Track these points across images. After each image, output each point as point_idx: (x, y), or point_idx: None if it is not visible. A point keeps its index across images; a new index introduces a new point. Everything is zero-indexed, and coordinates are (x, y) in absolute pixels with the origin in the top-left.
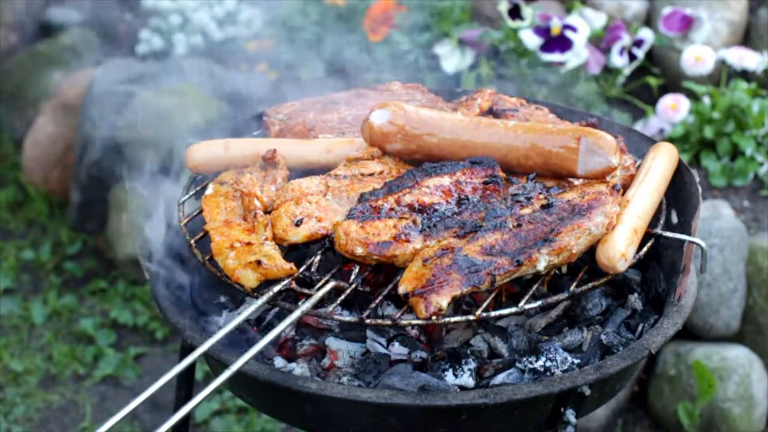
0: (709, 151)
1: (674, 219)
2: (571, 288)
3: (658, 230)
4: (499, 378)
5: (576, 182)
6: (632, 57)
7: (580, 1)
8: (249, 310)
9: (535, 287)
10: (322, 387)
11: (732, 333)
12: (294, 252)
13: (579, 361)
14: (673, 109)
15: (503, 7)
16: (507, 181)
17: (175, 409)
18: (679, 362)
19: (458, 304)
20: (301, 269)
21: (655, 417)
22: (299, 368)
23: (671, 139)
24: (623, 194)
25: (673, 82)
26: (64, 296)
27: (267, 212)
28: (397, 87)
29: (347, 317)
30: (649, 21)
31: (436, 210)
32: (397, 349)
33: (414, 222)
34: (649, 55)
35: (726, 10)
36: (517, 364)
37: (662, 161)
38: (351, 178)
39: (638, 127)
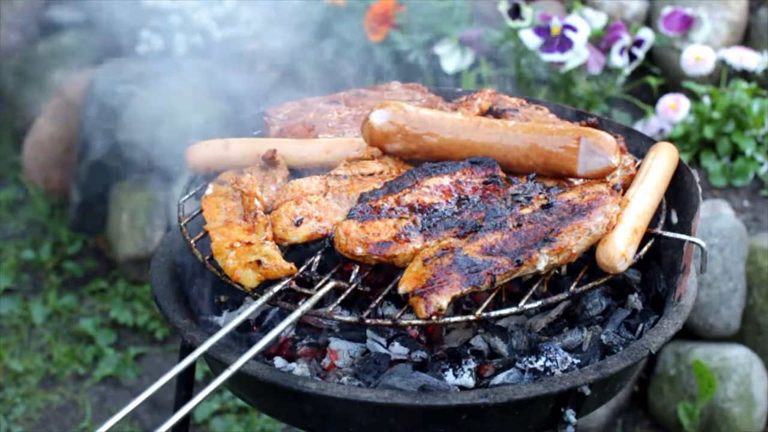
0: (709, 151)
1: (674, 219)
2: (571, 288)
3: (658, 230)
4: (499, 378)
5: (576, 182)
6: (632, 57)
7: (580, 1)
8: (249, 310)
9: (535, 287)
10: (322, 387)
11: (732, 333)
12: (294, 252)
13: (579, 361)
14: (673, 109)
15: (503, 7)
16: (507, 181)
17: (175, 409)
18: (679, 362)
19: (458, 304)
20: (301, 269)
21: (655, 417)
22: (299, 368)
23: (671, 139)
24: (623, 194)
25: (673, 82)
26: (64, 296)
27: (267, 212)
28: (397, 87)
29: (347, 317)
30: (649, 21)
31: (436, 210)
32: (397, 349)
33: (414, 222)
34: (649, 55)
35: (726, 10)
36: (517, 364)
37: (662, 161)
38: (351, 178)
39: (638, 127)
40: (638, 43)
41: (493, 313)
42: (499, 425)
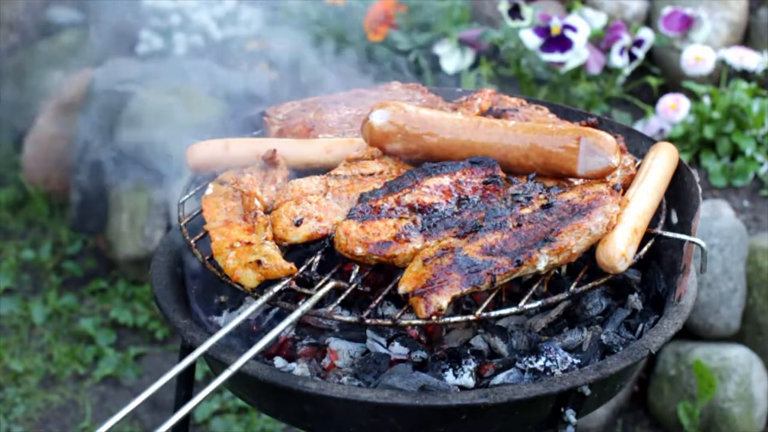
0: (709, 151)
1: (674, 219)
2: (571, 288)
3: (658, 230)
4: (499, 378)
5: (576, 182)
6: (632, 57)
7: (580, 1)
8: (249, 310)
9: (535, 287)
10: (322, 387)
11: (732, 333)
12: (294, 252)
13: (579, 361)
14: (673, 109)
15: (503, 7)
16: (507, 181)
17: (175, 409)
18: (679, 362)
19: (458, 304)
20: (301, 269)
21: (655, 417)
22: (299, 368)
23: (671, 139)
24: (623, 194)
25: (673, 82)
26: (64, 296)
27: (267, 212)
28: (397, 87)
29: (347, 317)
30: (649, 21)
31: (436, 210)
32: (397, 349)
33: (414, 222)
34: (649, 55)
35: (726, 10)
36: (517, 364)
37: (662, 161)
38: (351, 178)
39: (638, 127)
40: (638, 43)
41: (493, 313)
42: (499, 425)
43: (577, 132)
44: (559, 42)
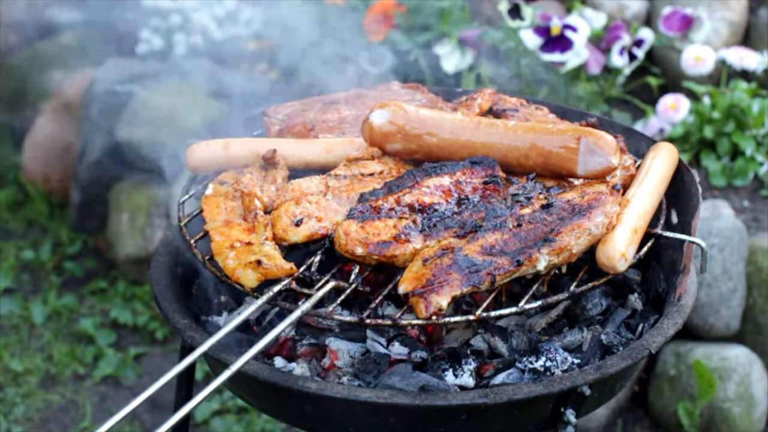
0: (709, 151)
1: (674, 219)
2: (571, 288)
3: (658, 230)
4: (499, 378)
5: (576, 182)
6: (632, 57)
7: (580, 1)
8: (249, 310)
9: (535, 287)
10: (322, 387)
11: (732, 333)
12: (294, 252)
13: (579, 361)
14: (673, 109)
15: (503, 7)
16: (507, 181)
17: (175, 409)
18: (679, 362)
19: (458, 304)
20: (301, 269)
21: (655, 417)
22: (299, 368)
23: (671, 139)
24: (623, 194)
25: (673, 82)
26: (64, 296)
27: (267, 212)
28: (397, 87)
29: (347, 317)
30: (649, 21)
31: (436, 210)
32: (397, 349)
33: (414, 222)
34: (649, 55)
35: (726, 10)
36: (517, 364)
37: (662, 161)
38: (351, 178)
39: (638, 127)
40: (638, 43)
41: (493, 313)
42: (499, 425)
43: (577, 132)
44: (559, 42)
